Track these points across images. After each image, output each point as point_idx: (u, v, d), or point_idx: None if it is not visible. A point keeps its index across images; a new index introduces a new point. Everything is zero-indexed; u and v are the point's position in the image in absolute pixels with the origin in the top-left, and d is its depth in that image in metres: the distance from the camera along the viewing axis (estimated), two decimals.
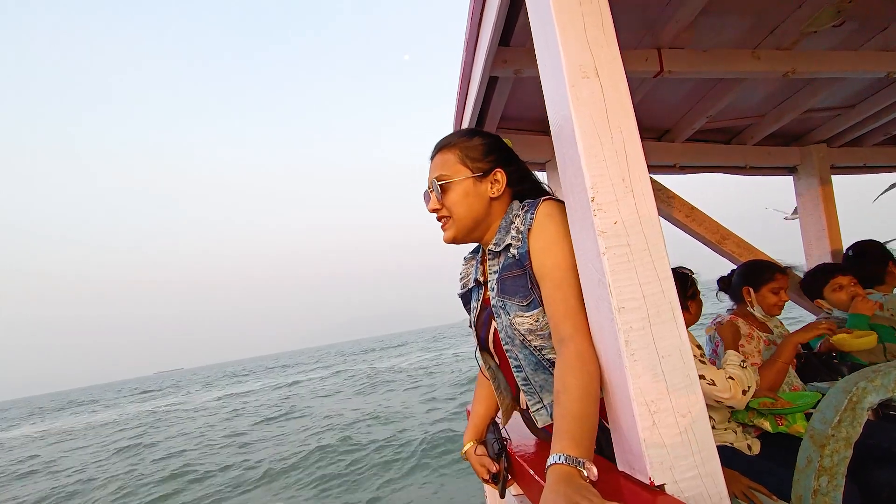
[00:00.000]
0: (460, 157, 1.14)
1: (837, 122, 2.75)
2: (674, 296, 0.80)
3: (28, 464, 13.80)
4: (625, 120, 0.83)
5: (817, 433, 0.91)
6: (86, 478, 10.38)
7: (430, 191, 1.16)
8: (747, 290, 2.03)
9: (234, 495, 7.16)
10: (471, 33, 1.57)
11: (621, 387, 0.79)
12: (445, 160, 1.15)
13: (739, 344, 1.88)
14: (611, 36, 0.85)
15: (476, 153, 1.14)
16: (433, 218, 1.18)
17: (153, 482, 8.81)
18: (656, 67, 1.77)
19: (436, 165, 1.16)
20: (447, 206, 1.13)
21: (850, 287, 2.06)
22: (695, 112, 2.41)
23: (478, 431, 1.32)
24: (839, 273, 2.10)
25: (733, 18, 1.75)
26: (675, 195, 2.77)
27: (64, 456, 14.26)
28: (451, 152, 1.15)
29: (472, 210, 1.12)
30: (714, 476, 0.77)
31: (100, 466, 11.50)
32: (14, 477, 12.07)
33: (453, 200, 1.12)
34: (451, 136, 1.19)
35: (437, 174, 1.14)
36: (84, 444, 16.36)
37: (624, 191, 0.81)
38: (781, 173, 3.06)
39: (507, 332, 1.08)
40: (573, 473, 0.74)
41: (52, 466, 12.67)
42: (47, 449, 16.80)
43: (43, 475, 11.70)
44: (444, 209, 1.13)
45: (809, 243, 2.98)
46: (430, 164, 1.19)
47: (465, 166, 1.13)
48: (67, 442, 17.93)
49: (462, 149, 1.15)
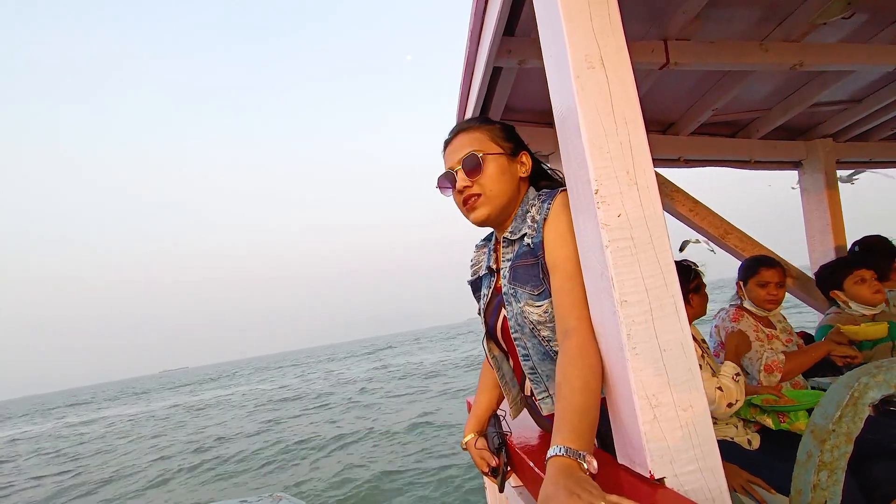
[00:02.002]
0: (490, 136, 1.13)
1: (844, 117, 2.72)
2: (677, 289, 0.80)
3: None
4: (630, 112, 0.82)
5: (818, 428, 0.91)
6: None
7: (457, 169, 1.11)
8: (739, 284, 2.13)
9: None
10: (475, 23, 1.55)
11: (622, 380, 0.79)
12: (475, 138, 1.12)
13: (754, 329, 1.93)
14: (617, 26, 0.84)
15: (502, 134, 1.15)
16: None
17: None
18: (662, 59, 1.75)
19: (462, 144, 1.13)
20: (481, 182, 1.09)
21: (872, 281, 2.07)
22: (700, 105, 2.38)
23: (479, 423, 1.31)
24: (863, 266, 2.11)
25: (741, 10, 1.73)
26: (679, 189, 2.75)
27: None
28: (479, 132, 1.13)
29: (507, 188, 1.11)
30: (714, 470, 0.77)
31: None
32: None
33: (490, 176, 1.09)
34: (472, 120, 1.17)
35: (470, 150, 1.10)
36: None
37: (628, 183, 0.80)
38: (787, 167, 3.04)
39: (518, 319, 1.07)
40: (573, 465, 0.73)
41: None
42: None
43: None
44: (476, 186, 1.09)
45: (813, 238, 2.97)
46: (450, 147, 1.16)
47: (496, 144, 1.12)
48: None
49: (488, 130, 1.14)
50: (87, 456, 13.48)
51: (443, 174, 1.16)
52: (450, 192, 1.16)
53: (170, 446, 12.54)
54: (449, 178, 1.14)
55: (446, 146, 1.18)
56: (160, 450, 12.27)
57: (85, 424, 23.82)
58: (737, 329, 1.95)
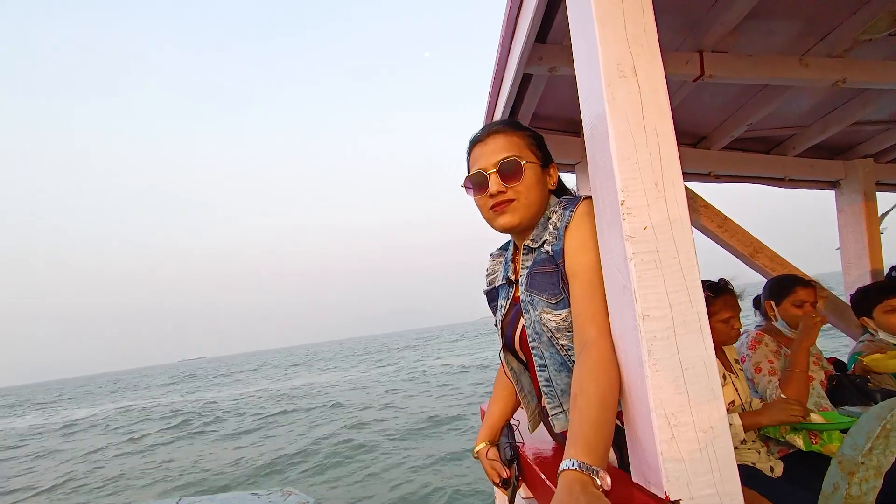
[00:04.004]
0: (527, 143, 1.10)
1: (886, 137, 2.62)
2: (702, 306, 0.78)
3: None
4: (661, 123, 0.80)
5: (846, 459, 0.87)
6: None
7: (490, 171, 1.06)
8: (770, 304, 2.01)
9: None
10: (507, 28, 1.55)
11: (641, 397, 0.77)
12: (512, 143, 1.08)
13: (769, 360, 1.82)
14: (652, 35, 0.82)
15: (536, 143, 1.12)
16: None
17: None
18: (697, 71, 1.72)
19: (499, 146, 1.07)
20: (518, 189, 1.05)
21: None
22: (734, 119, 2.33)
23: (492, 432, 1.29)
24: (894, 294, 2.01)
25: (782, 23, 1.69)
26: (708, 203, 2.69)
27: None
28: (517, 136, 1.09)
29: (540, 199, 1.08)
30: (733, 496, 0.75)
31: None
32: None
33: (527, 184, 1.05)
34: (506, 123, 1.13)
35: (508, 155, 1.05)
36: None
37: (656, 196, 0.79)
38: (823, 187, 2.94)
39: (535, 327, 1.04)
40: (586, 481, 0.72)
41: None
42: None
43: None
44: (511, 192, 1.05)
45: (849, 262, 2.86)
46: (483, 147, 1.10)
47: (532, 153, 1.09)
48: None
49: (524, 136, 1.10)
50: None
51: (473, 174, 1.10)
52: (475, 192, 1.11)
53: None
54: (478, 179, 1.09)
55: (476, 144, 1.13)
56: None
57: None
58: (754, 335, 1.92)
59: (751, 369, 1.84)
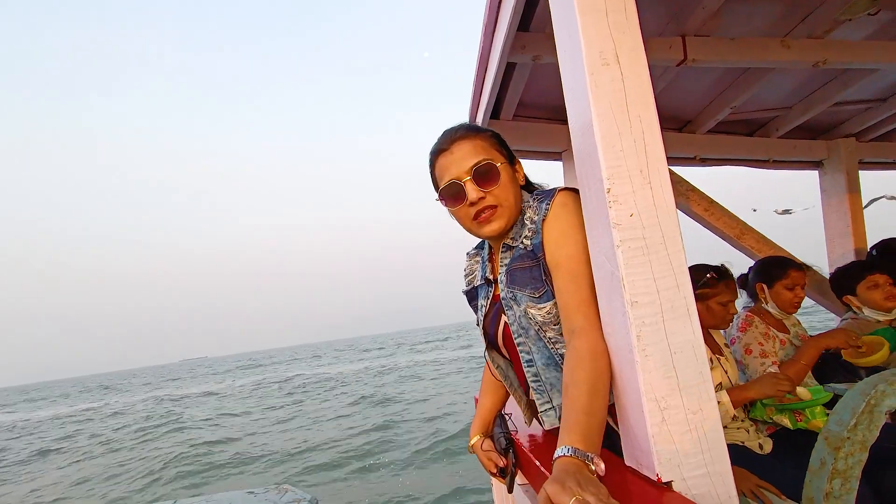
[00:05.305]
0: (492, 143, 1.08)
1: (868, 116, 2.65)
2: (689, 291, 0.78)
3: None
4: (645, 110, 0.81)
5: (832, 435, 0.89)
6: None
7: (465, 179, 1.02)
8: (761, 286, 2.01)
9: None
10: (489, 17, 1.53)
11: (631, 382, 0.78)
12: (478, 146, 1.05)
13: (759, 342, 1.85)
14: (633, 21, 0.82)
15: (499, 143, 1.11)
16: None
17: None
18: (680, 55, 1.72)
19: (468, 152, 1.04)
20: (496, 193, 1.03)
21: (886, 286, 2.00)
22: (718, 103, 2.34)
23: (484, 424, 1.31)
24: (877, 270, 2.04)
25: (763, 5, 1.69)
26: (694, 188, 2.71)
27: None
28: (480, 139, 1.07)
29: (516, 197, 1.07)
30: (723, 475, 0.76)
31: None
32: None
33: (503, 185, 1.04)
34: (467, 127, 1.09)
35: (479, 159, 1.03)
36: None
37: (641, 182, 0.79)
38: (806, 167, 2.97)
39: (521, 322, 1.04)
40: (580, 466, 0.73)
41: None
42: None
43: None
44: (491, 197, 1.03)
45: (832, 241, 2.90)
46: (449, 156, 1.06)
47: (498, 152, 1.08)
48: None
49: (488, 138, 1.08)
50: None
51: (447, 185, 1.05)
52: (451, 204, 1.08)
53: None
54: (454, 189, 1.05)
55: (440, 154, 1.08)
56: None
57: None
58: (743, 315, 1.94)
59: (741, 351, 1.86)
